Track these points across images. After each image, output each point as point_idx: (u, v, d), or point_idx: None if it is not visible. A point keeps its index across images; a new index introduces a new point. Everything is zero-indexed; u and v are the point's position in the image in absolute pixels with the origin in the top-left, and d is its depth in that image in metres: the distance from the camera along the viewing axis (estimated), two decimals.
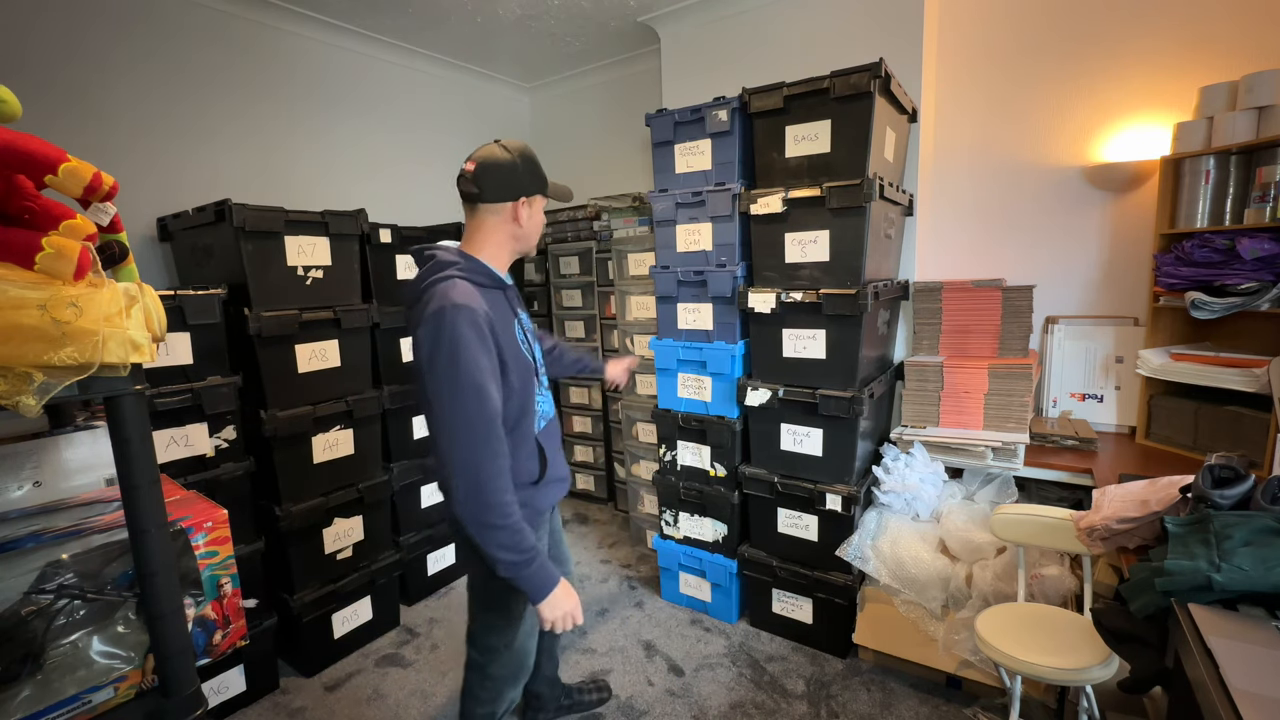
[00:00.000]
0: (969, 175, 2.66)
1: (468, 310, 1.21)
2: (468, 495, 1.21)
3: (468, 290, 1.26)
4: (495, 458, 1.22)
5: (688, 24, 3.07)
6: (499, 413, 1.24)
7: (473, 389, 1.20)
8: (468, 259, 1.34)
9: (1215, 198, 2.00)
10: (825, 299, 2.05)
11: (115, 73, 2.37)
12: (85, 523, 1.07)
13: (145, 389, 0.89)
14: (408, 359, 2.66)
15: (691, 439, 2.46)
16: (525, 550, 1.25)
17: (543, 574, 1.27)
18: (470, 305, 1.22)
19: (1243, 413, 1.88)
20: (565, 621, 1.30)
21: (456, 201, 1.43)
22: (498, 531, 1.22)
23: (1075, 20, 2.37)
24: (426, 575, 2.78)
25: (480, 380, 1.21)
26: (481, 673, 1.48)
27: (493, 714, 1.51)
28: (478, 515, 1.21)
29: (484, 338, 1.23)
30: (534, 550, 1.26)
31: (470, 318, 1.21)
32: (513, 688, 1.51)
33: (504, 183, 1.33)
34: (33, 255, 0.77)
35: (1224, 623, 0.95)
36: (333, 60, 3.10)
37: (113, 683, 0.96)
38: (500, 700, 1.50)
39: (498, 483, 1.22)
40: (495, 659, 1.46)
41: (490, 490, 1.21)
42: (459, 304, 1.21)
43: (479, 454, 1.20)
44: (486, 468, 1.21)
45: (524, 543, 1.25)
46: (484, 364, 1.22)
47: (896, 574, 2.03)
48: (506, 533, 1.22)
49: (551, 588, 1.28)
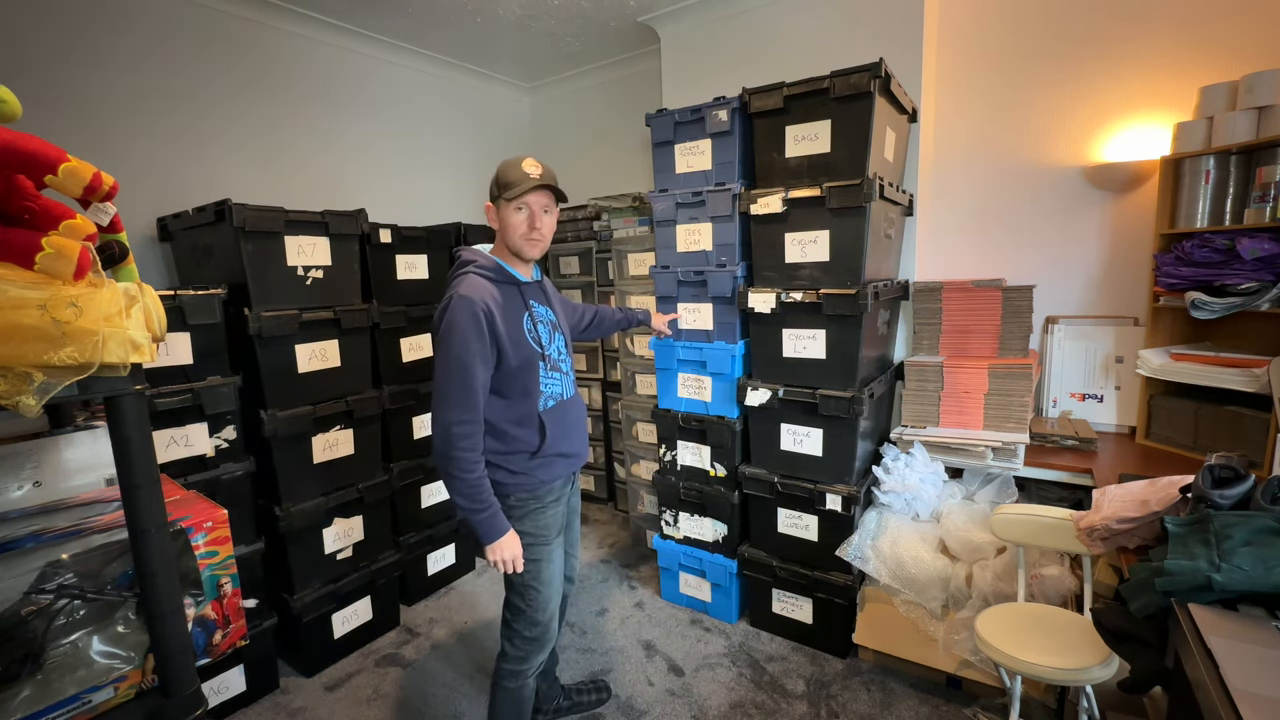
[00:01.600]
0: (969, 175, 2.66)
1: (468, 300, 1.42)
2: (439, 448, 1.44)
3: (476, 284, 1.47)
4: (465, 423, 1.43)
5: (688, 24, 3.07)
6: (480, 387, 1.44)
7: (458, 364, 1.41)
8: (484, 258, 1.55)
9: (1215, 198, 2.00)
10: (825, 299, 2.05)
11: (115, 73, 2.37)
12: (85, 523, 1.07)
13: (145, 389, 0.89)
14: (408, 359, 2.67)
15: (691, 439, 2.46)
16: (479, 501, 1.46)
17: (491, 523, 1.48)
18: (471, 297, 1.42)
19: (1243, 413, 1.88)
20: (506, 565, 1.51)
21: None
22: (456, 481, 1.44)
23: (1075, 20, 2.37)
24: (426, 575, 2.78)
25: (466, 359, 1.41)
26: (511, 631, 1.64)
27: (520, 672, 1.64)
28: (444, 465, 1.44)
29: (479, 324, 1.42)
30: (487, 504, 1.47)
31: (469, 307, 1.41)
32: (539, 650, 1.65)
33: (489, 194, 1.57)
34: (33, 255, 0.77)
35: (1224, 623, 0.95)
36: (333, 60, 3.10)
37: (113, 683, 0.96)
38: (528, 660, 1.64)
39: (464, 442, 1.42)
40: (520, 617, 1.61)
41: (456, 447, 1.42)
42: (463, 295, 1.43)
43: (451, 415, 1.42)
44: (456, 429, 1.42)
45: (479, 495, 1.46)
46: (473, 345, 1.42)
47: (896, 574, 2.03)
48: (464, 484, 1.44)
49: (498, 536, 1.49)
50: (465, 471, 1.43)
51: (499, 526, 1.49)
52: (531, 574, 1.58)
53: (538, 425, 1.56)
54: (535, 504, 1.59)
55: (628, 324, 2.15)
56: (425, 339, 2.72)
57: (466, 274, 1.49)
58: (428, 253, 2.72)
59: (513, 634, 1.63)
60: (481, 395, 1.45)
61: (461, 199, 3.76)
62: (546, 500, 1.61)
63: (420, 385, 2.66)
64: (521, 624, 1.61)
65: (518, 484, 1.56)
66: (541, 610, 1.62)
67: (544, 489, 1.60)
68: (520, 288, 1.57)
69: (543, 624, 1.63)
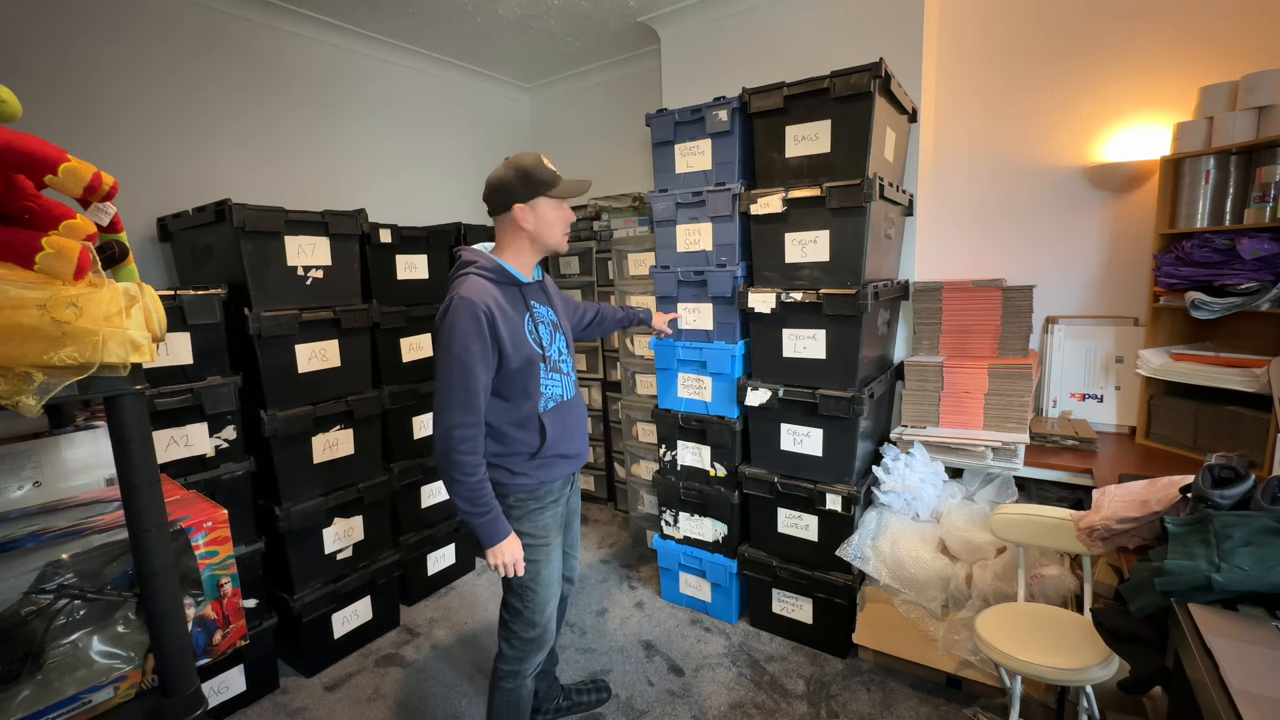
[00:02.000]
0: (969, 175, 2.66)
1: (469, 301, 1.41)
2: (440, 451, 1.43)
3: (477, 285, 1.46)
4: (466, 426, 1.42)
5: (688, 24, 3.07)
6: (480, 389, 1.44)
7: (459, 365, 1.41)
8: (485, 259, 1.53)
9: (1215, 198, 2.00)
10: (825, 299, 2.05)
11: (114, 73, 2.37)
12: (85, 523, 1.07)
13: (145, 389, 0.89)
14: (408, 359, 2.67)
15: (691, 439, 2.46)
16: (480, 504, 1.45)
17: (493, 526, 1.47)
18: (472, 298, 1.42)
19: (1243, 413, 1.88)
20: (506, 569, 1.50)
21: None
22: (458, 485, 1.44)
23: (1075, 20, 2.37)
24: (426, 575, 2.78)
25: (466, 359, 1.41)
26: (508, 632, 1.64)
27: (518, 673, 1.64)
28: (445, 468, 1.44)
29: (479, 325, 1.41)
30: (489, 507, 1.47)
31: (470, 309, 1.41)
32: (537, 651, 1.65)
33: (502, 196, 1.53)
34: (33, 255, 0.77)
35: (1224, 623, 0.95)
36: (333, 60, 3.10)
37: (113, 683, 0.96)
38: (526, 661, 1.64)
39: (464, 445, 1.42)
40: (518, 618, 1.62)
41: (457, 450, 1.41)
42: (464, 296, 1.42)
43: (452, 418, 1.41)
44: (456, 433, 1.41)
45: (480, 499, 1.45)
46: (474, 347, 1.41)
47: (896, 574, 2.03)
48: (465, 488, 1.44)
49: (500, 539, 1.48)
50: (466, 475, 1.43)
51: (500, 530, 1.48)
52: (530, 575, 1.58)
53: (538, 427, 1.56)
54: (535, 504, 1.59)
55: (629, 322, 2.15)
56: (425, 339, 2.72)
57: (467, 275, 1.48)
58: (428, 253, 2.72)
59: (510, 635, 1.63)
60: (483, 397, 1.45)
61: (461, 199, 3.76)
62: (546, 501, 1.61)
63: (420, 385, 2.66)
64: (519, 625, 1.61)
65: (517, 485, 1.56)
66: (539, 611, 1.61)
67: (543, 490, 1.60)
68: (522, 289, 1.56)
69: (540, 625, 1.62)
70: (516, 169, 1.52)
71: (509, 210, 1.51)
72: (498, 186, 1.52)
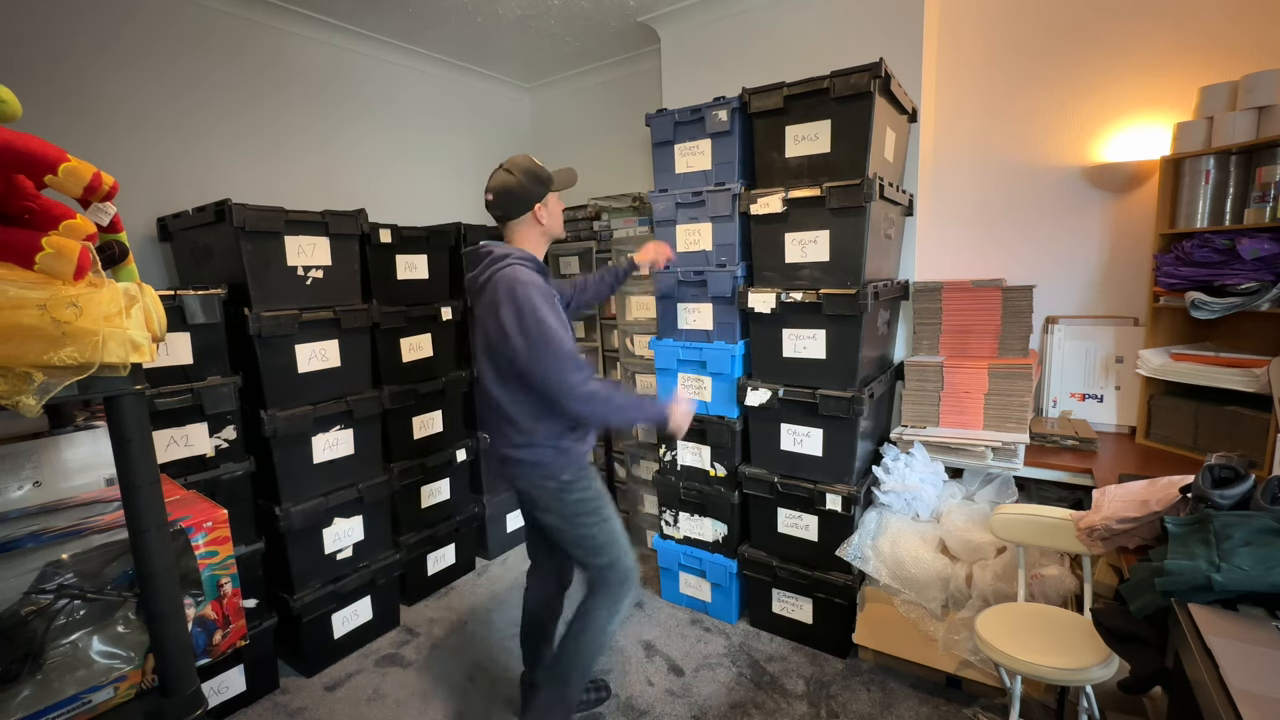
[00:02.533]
0: (969, 175, 2.66)
1: (534, 285, 1.54)
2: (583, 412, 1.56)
3: (526, 273, 1.58)
4: (587, 380, 1.54)
5: (688, 24, 3.06)
6: (576, 349, 1.56)
7: (555, 336, 1.52)
8: (520, 250, 1.64)
9: (1215, 198, 2.00)
10: (825, 299, 2.05)
11: (114, 72, 2.37)
12: (85, 523, 1.07)
13: (145, 389, 0.89)
14: (408, 359, 2.66)
15: (691, 439, 2.46)
16: (641, 406, 1.64)
17: (657, 408, 1.63)
18: (533, 282, 1.55)
19: (1243, 413, 1.88)
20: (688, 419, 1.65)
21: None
22: (614, 414, 1.59)
23: (1075, 20, 2.37)
24: (426, 575, 2.78)
25: (556, 329, 1.53)
26: (605, 585, 1.72)
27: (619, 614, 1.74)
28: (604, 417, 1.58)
29: (553, 303, 1.57)
30: (640, 401, 1.66)
31: (538, 289, 1.54)
32: (629, 590, 1.74)
33: (517, 201, 1.64)
34: (33, 255, 0.77)
35: (1224, 623, 0.95)
36: (333, 60, 3.10)
37: (113, 683, 0.96)
38: (622, 604, 1.74)
39: (587, 388, 1.53)
40: (613, 568, 1.71)
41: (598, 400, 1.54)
42: (525, 281, 1.54)
43: (573, 377, 1.52)
44: (583, 390, 1.52)
45: (636, 403, 1.63)
46: (552, 321, 1.53)
47: (896, 574, 2.03)
48: (610, 404, 1.56)
49: (667, 409, 1.62)
50: (607, 399, 1.55)
51: (661, 405, 1.63)
52: (607, 532, 1.70)
53: None
54: (585, 475, 1.71)
55: (615, 281, 2.16)
56: (425, 339, 2.72)
57: (511, 264, 1.58)
58: (428, 253, 2.72)
59: (606, 587, 1.71)
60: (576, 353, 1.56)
61: (461, 199, 3.76)
62: (591, 471, 1.75)
63: (420, 385, 2.66)
64: (615, 575, 1.71)
65: (569, 460, 1.67)
66: (626, 554, 1.73)
67: (584, 460, 1.73)
68: (545, 276, 1.68)
69: (631, 566, 1.74)
70: (525, 172, 1.62)
71: (525, 214, 1.64)
72: (513, 194, 1.63)
